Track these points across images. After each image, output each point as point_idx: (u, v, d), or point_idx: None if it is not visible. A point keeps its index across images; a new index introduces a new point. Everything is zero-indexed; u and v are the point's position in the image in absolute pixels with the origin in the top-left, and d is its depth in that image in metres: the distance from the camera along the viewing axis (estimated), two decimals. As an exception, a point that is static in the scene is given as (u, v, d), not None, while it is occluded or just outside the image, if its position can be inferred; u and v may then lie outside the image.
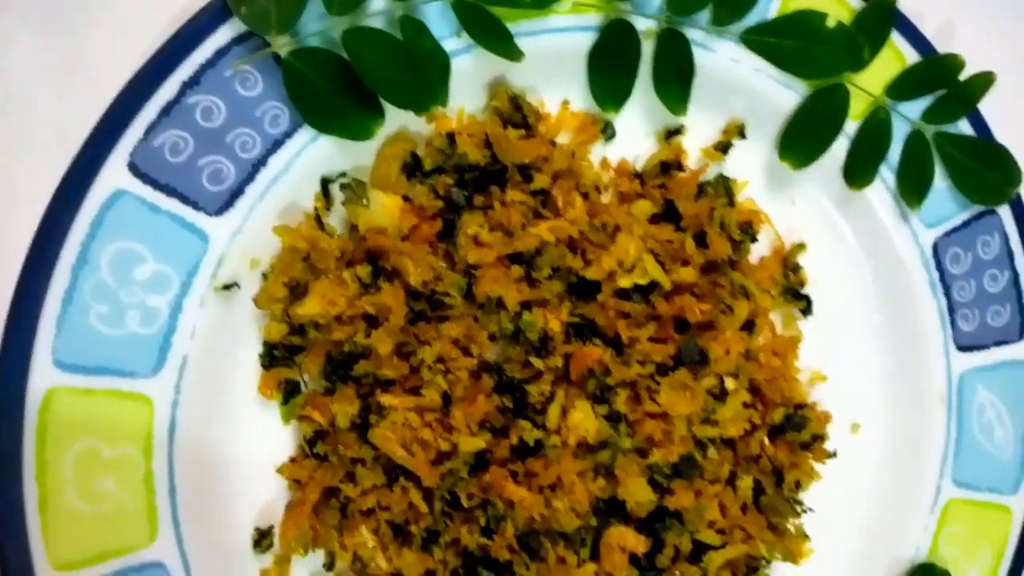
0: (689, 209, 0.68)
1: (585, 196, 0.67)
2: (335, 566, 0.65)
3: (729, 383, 0.66)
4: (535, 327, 0.62)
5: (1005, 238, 0.75)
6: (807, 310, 0.75)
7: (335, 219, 0.65)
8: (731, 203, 0.70)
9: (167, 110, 0.57)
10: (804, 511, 0.71)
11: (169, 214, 0.58)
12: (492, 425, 0.63)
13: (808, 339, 0.76)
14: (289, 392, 0.65)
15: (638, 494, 0.61)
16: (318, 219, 0.63)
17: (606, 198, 0.69)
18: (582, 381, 0.63)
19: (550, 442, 0.62)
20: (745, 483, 0.66)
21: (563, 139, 0.69)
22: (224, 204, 0.59)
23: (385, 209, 0.63)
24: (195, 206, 0.58)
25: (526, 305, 0.63)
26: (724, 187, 0.70)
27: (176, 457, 0.60)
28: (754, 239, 0.71)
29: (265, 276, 0.62)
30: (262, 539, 0.64)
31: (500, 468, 0.62)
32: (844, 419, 0.77)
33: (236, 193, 0.59)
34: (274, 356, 0.63)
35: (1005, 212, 0.75)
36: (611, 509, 0.64)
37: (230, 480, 0.64)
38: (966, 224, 0.75)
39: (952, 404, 0.76)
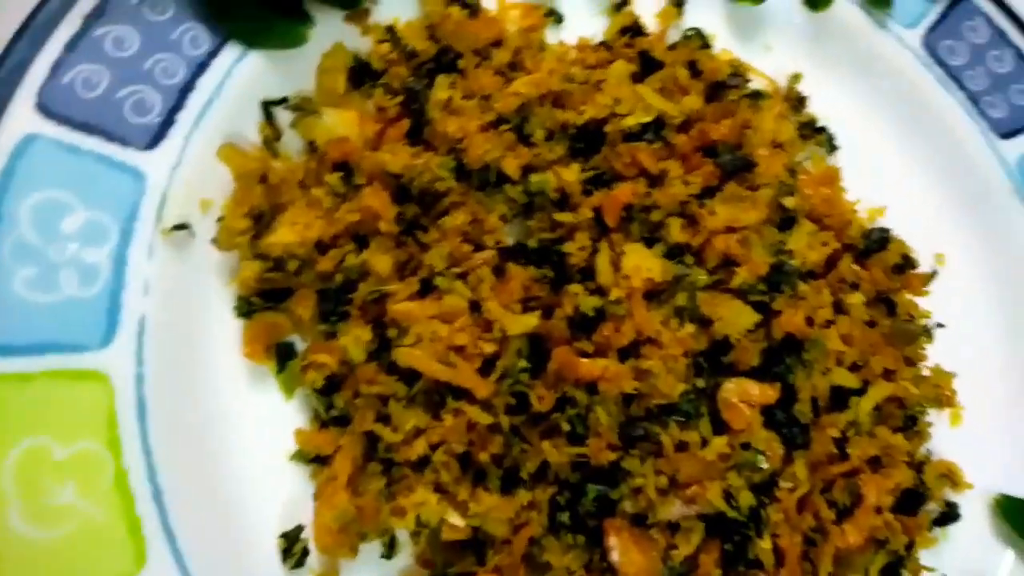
0: (667, 57, 0.63)
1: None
2: (396, 550, 0.49)
3: (788, 201, 0.57)
4: (549, 186, 0.54)
5: (988, 19, 0.72)
6: (831, 144, 0.68)
7: (289, 144, 0.57)
8: (707, 46, 0.65)
9: (72, 45, 0.51)
10: (933, 329, 0.59)
11: (93, 154, 0.50)
12: (537, 303, 0.51)
13: (848, 182, 0.67)
14: (283, 355, 0.52)
15: (739, 320, 0.50)
16: (267, 144, 0.55)
17: (576, 70, 0.63)
18: (623, 226, 0.54)
19: (612, 297, 0.50)
20: (854, 299, 0.55)
21: (511, 29, 0.64)
22: (155, 136, 0.52)
23: (343, 120, 0.56)
24: (122, 142, 0.51)
25: (530, 169, 0.54)
26: (698, 37, 0.66)
27: (155, 449, 0.47)
28: (745, 79, 0.66)
29: (222, 212, 0.52)
30: (292, 545, 0.49)
31: (564, 348, 0.50)
32: (926, 255, 0.67)
33: (166, 123, 0.52)
34: (252, 305, 0.52)
35: (978, -4, 0.73)
36: (715, 365, 0.51)
37: (235, 478, 0.49)
38: (944, 16, 0.72)
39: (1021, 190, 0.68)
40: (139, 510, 0.45)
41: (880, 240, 0.62)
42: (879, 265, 0.62)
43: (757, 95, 0.62)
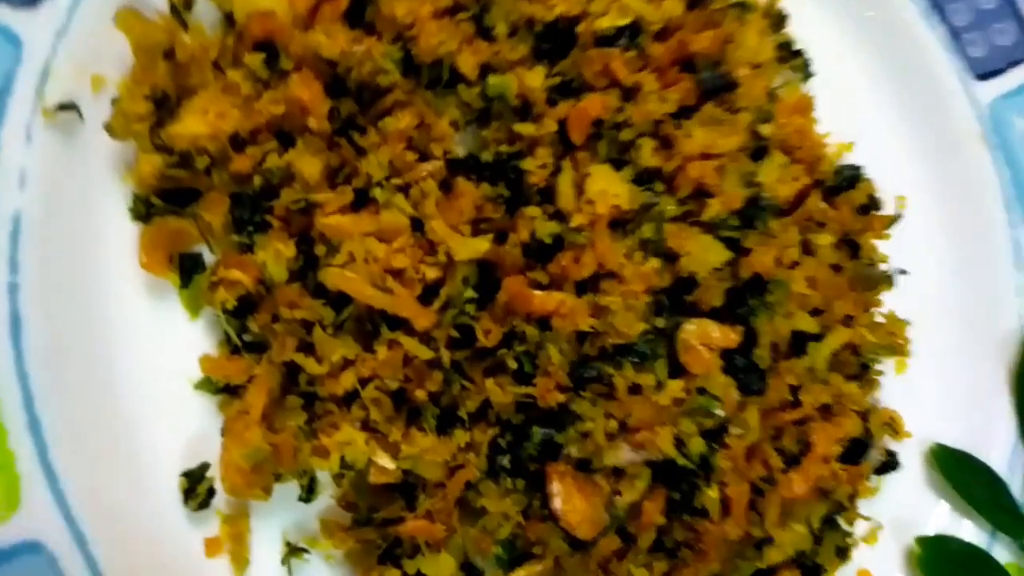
0: (648, -63, 0.56)
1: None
2: (315, 493, 0.44)
3: (764, 129, 0.52)
4: (509, 90, 0.47)
5: (982, -57, 0.67)
6: (806, 71, 0.63)
7: (204, 14, 0.47)
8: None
9: None
10: (897, 274, 0.56)
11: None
12: (489, 225, 0.45)
13: (819, 111, 0.63)
14: (187, 268, 0.45)
15: (708, 256, 0.46)
16: (176, 14, 0.46)
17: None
18: (589, 144, 0.48)
19: (573, 224, 0.45)
20: (822, 240, 0.51)
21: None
22: (33, -10, 0.41)
23: (268, -12, 0.46)
24: (-8, -5, 0.40)
25: (489, 69, 0.47)
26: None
27: (32, 374, 0.39)
28: (727, -12, 0.59)
29: (117, 92, 0.43)
30: (195, 485, 0.43)
31: (517, 277, 0.44)
32: (886, 194, 0.64)
33: (48, -25, 0.42)
34: (151, 207, 0.44)
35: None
36: (677, 304, 0.47)
37: (130, 410, 0.43)
38: None
39: (991, 139, 0.65)
40: (11, 444, 0.39)
41: (850, 178, 0.58)
42: (847, 204, 0.58)
43: (742, 6, 0.56)
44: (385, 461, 0.44)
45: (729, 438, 0.50)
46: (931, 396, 0.64)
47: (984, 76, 0.68)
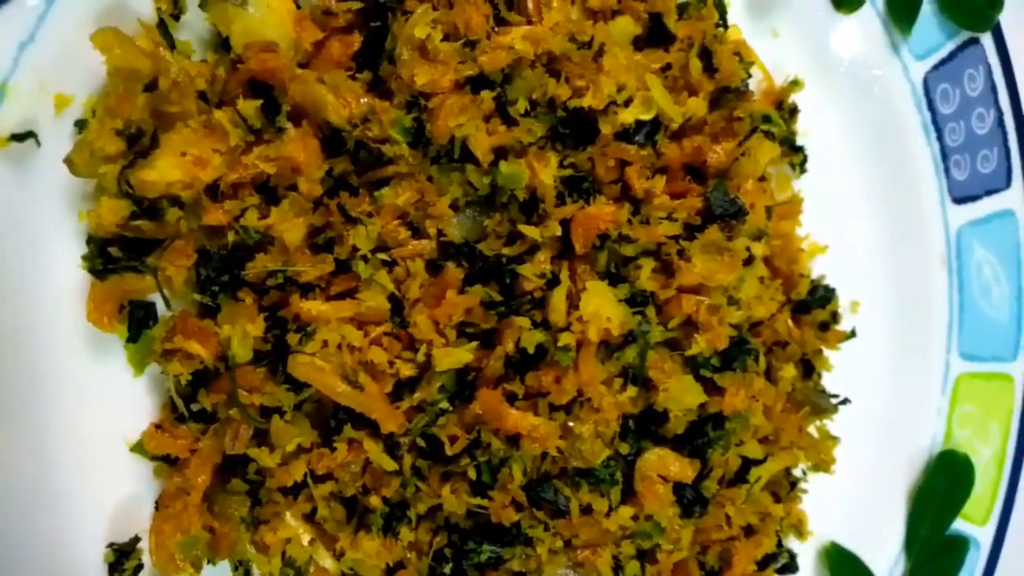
0: (680, 29, 0.52)
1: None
2: (249, 580, 0.42)
3: (756, 248, 0.51)
4: (520, 182, 0.43)
5: (989, 71, 0.68)
6: (803, 166, 0.62)
7: (191, 33, 0.41)
8: (723, 23, 0.55)
9: None
10: (840, 403, 0.58)
11: None
12: (474, 331, 0.43)
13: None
14: (138, 321, 0.41)
15: (685, 398, 0.46)
16: (163, 28, 0.39)
17: (574, 14, 0.51)
18: (591, 255, 0.45)
19: (560, 343, 0.43)
20: (786, 373, 0.52)
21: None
22: (-3, -10, 0.34)
23: (273, 14, 0.41)
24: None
25: (500, 153, 0.44)
26: (713, 4, 0.55)
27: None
28: (748, 74, 0.57)
29: (82, 123, 0.37)
30: (122, 559, 0.40)
31: (493, 391, 0.42)
32: (843, 297, 0.66)
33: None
34: (109, 258, 0.39)
35: (988, 43, 0.67)
36: (642, 428, 0.46)
37: (61, 470, 0.39)
38: (952, 56, 0.67)
39: (952, 265, 0.67)
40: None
41: (822, 299, 0.59)
42: (810, 323, 0.59)
43: (767, 133, 0.54)
44: (327, 562, 0.43)
45: (660, 554, 0.51)
46: (838, 499, 0.68)
47: (960, 200, 0.69)
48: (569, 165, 0.48)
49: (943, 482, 0.70)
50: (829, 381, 0.66)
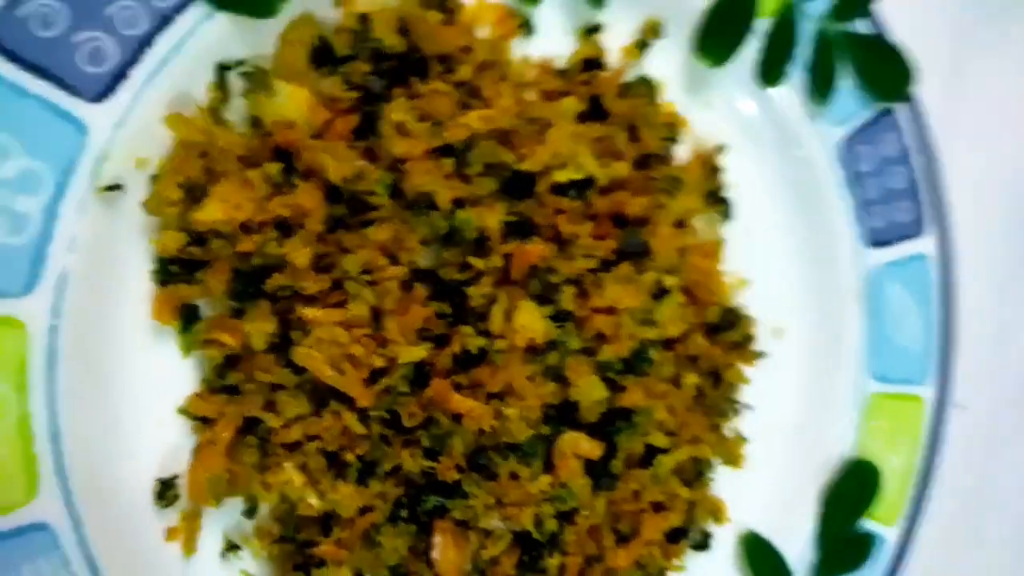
0: (615, 106, 0.67)
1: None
2: (256, 512, 0.58)
3: (667, 280, 0.65)
4: (471, 225, 0.59)
5: (902, 136, 0.79)
6: (727, 214, 0.76)
7: (234, 114, 0.58)
8: (651, 101, 0.69)
9: (31, -27, 0.48)
10: (743, 409, 0.71)
11: (39, 99, 0.50)
12: (431, 335, 0.58)
13: (728, 245, 0.76)
14: (188, 318, 0.57)
15: (592, 393, 0.59)
16: (214, 112, 0.56)
17: (530, 96, 0.66)
18: (524, 281, 0.61)
19: (496, 347, 0.59)
20: (689, 380, 0.66)
21: (481, 33, 0.65)
22: (105, 89, 0.52)
23: (293, 101, 0.57)
24: (71, 90, 0.51)
25: (458, 203, 0.59)
26: (647, 87, 0.69)
27: (58, 395, 0.52)
28: (675, 140, 0.71)
29: (155, 178, 0.55)
30: (165, 491, 0.57)
31: (443, 380, 0.58)
32: (766, 325, 0.78)
33: (118, 76, 0.52)
34: (170, 272, 0.56)
35: (902, 110, 0.79)
36: (562, 415, 0.61)
37: (125, 424, 0.57)
38: (870, 123, 0.79)
39: (865, 301, 0.79)
40: (36, 449, 0.51)
41: (731, 323, 0.72)
42: (723, 342, 0.72)
43: (675, 180, 0.67)
44: (313, 500, 0.58)
45: (578, 517, 0.65)
46: (758, 493, 0.80)
47: (877, 244, 0.81)
48: (515, 212, 0.63)
49: (852, 485, 0.82)
50: (753, 392, 0.79)
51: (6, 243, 0.50)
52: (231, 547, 0.60)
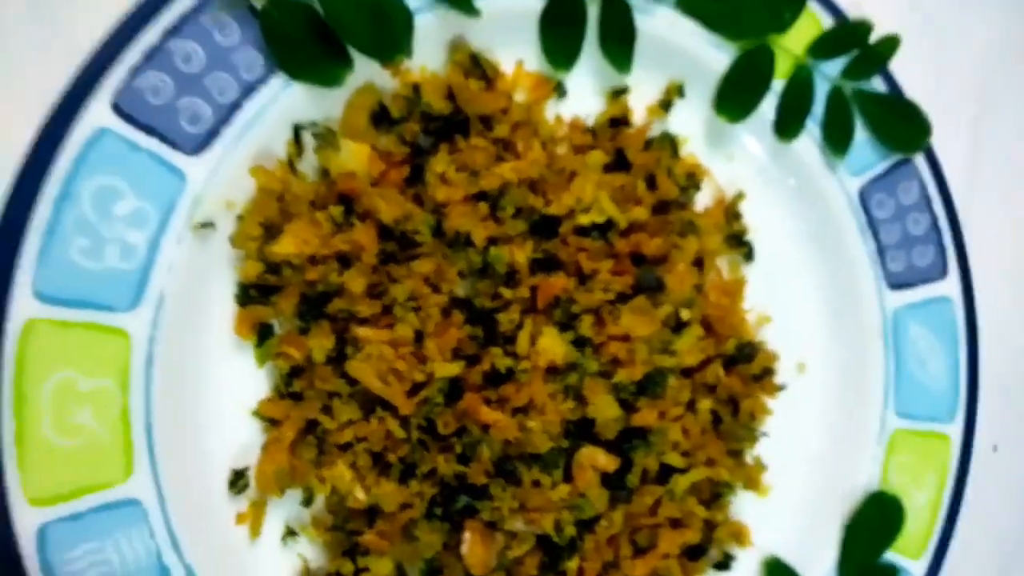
0: (638, 158, 0.75)
1: (543, 145, 0.72)
2: (312, 503, 0.67)
3: (684, 313, 0.72)
4: (502, 260, 0.67)
5: (922, 184, 0.84)
6: (749, 256, 0.82)
7: (307, 166, 0.69)
8: (675, 155, 0.77)
9: (150, 55, 0.62)
10: (760, 436, 0.76)
11: (149, 152, 0.62)
12: (464, 354, 0.67)
13: (753, 284, 0.83)
14: (263, 334, 0.68)
15: (606, 411, 0.66)
16: (290, 164, 0.67)
17: (561, 150, 0.75)
18: (548, 310, 0.69)
19: (520, 367, 0.66)
20: (704, 405, 0.72)
21: (519, 98, 0.75)
22: (201, 144, 0.63)
23: (355, 155, 0.68)
24: (173, 145, 0.62)
25: (492, 241, 0.68)
26: (669, 142, 0.77)
27: (153, 393, 0.63)
28: (697, 188, 0.78)
29: (240, 218, 0.66)
30: (237, 479, 0.66)
31: (474, 394, 0.66)
32: (790, 360, 0.85)
33: (212, 134, 0.64)
34: (249, 295, 0.67)
35: (921, 160, 0.84)
36: (580, 431, 0.69)
37: (207, 420, 0.67)
38: (887, 172, 0.84)
39: (888, 339, 0.84)
40: (133, 436, 0.62)
41: (748, 355, 0.78)
42: (741, 374, 0.78)
43: (690, 225, 0.75)
44: (360, 494, 0.66)
45: (597, 526, 0.71)
46: (783, 520, 0.84)
47: (896, 287, 0.86)
48: (541, 250, 0.71)
49: (875, 517, 0.84)
50: (779, 423, 0.83)
51: (118, 267, 0.62)
52: (290, 533, 0.69)
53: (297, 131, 0.69)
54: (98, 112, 0.61)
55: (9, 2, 0.65)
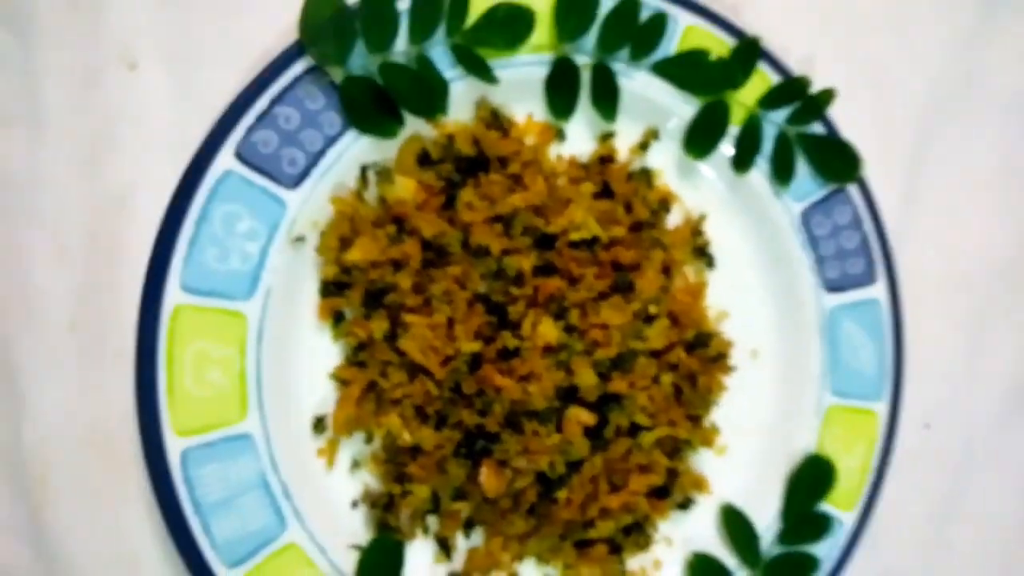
0: (621, 188, 0.98)
1: (546, 179, 0.95)
2: (372, 442, 0.92)
3: (652, 308, 0.94)
4: (513, 267, 0.90)
5: (855, 208, 1.04)
6: (711, 264, 1.03)
7: (370, 196, 0.93)
8: (650, 185, 1.00)
9: (261, 117, 0.86)
10: (712, 404, 0.98)
11: (260, 187, 0.87)
12: (483, 335, 0.90)
13: (714, 287, 1.01)
14: (337, 319, 0.92)
15: (588, 380, 0.89)
16: (359, 194, 0.92)
17: (560, 182, 0.98)
18: (546, 304, 0.91)
19: (525, 346, 0.89)
20: (667, 379, 0.94)
21: (529, 141, 0.98)
22: (296, 181, 0.88)
23: (405, 187, 0.92)
24: (278, 182, 0.87)
25: (506, 252, 0.91)
26: (645, 175, 1.00)
27: (262, 359, 0.87)
28: (668, 211, 1.01)
29: (323, 233, 0.91)
30: (319, 423, 0.91)
31: (490, 365, 0.89)
32: (745, 348, 1.03)
33: (304, 174, 0.88)
34: (329, 290, 0.91)
35: (853, 189, 1.04)
36: (569, 395, 0.91)
37: (298, 380, 0.91)
38: (825, 199, 1.03)
39: (825, 333, 1.03)
40: (248, 389, 0.87)
41: (704, 342, 0.99)
42: (699, 356, 1.00)
43: (657, 241, 0.97)
44: (406, 436, 0.90)
45: (583, 467, 0.94)
46: (740, 474, 1.03)
47: (833, 290, 1.06)
48: (542, 259, 0.94)
49: (812, 475, 1.04)
50: (735, 399, 1.02)
51: (239, 269, 0.87)
52: (355, 464, 0.93)
53: (364, 170, 0.93)
54: (225, 158, 0.86)
55: (150, 70, 0.91)
